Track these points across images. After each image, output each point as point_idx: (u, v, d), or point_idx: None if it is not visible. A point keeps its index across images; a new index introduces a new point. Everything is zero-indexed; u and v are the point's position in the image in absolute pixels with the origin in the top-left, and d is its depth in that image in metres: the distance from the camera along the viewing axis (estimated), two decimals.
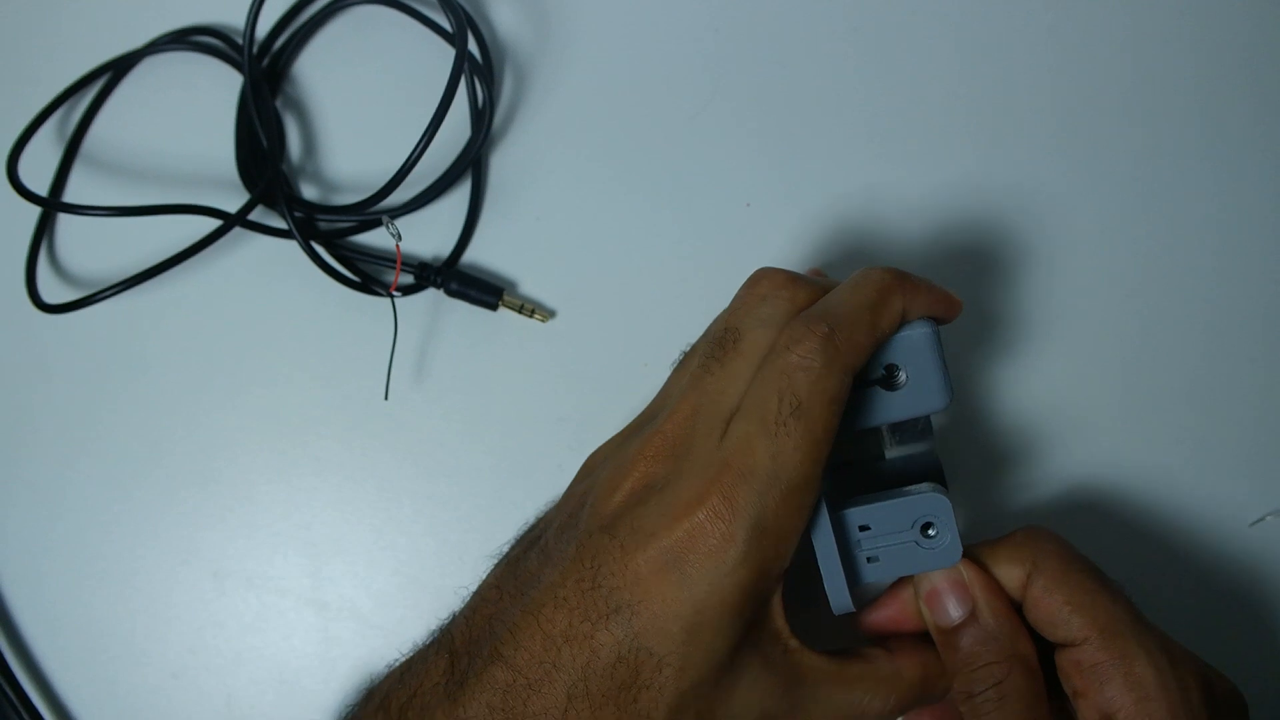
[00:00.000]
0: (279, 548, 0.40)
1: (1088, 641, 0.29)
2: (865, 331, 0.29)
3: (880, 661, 0.31)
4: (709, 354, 0.31)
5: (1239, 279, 0.39)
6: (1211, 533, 0.38)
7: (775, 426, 0.28)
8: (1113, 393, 0.39)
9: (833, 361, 0.28)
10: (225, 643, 0.40)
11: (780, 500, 0.28)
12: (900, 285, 0.30)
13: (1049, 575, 0.30)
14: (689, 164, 0.42)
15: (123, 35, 0.45)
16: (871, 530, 0.31)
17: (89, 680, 0.40)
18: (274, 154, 0.41)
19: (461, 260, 0.42)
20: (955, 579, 0.31)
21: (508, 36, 0.44)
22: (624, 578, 0.28)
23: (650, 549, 0.28)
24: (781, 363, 0.28)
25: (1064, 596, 0.30)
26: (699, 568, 0.28)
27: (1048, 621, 0.30)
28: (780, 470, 0.28)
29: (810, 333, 0.29)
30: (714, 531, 0.28)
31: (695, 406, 0.30)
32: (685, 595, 0.28)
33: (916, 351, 0.30)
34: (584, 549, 0.29)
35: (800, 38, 0.42)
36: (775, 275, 0.32)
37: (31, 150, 0.42)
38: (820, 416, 0.28)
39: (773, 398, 0.28)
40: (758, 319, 0.31)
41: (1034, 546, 0.31)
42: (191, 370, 0.42)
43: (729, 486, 0.28)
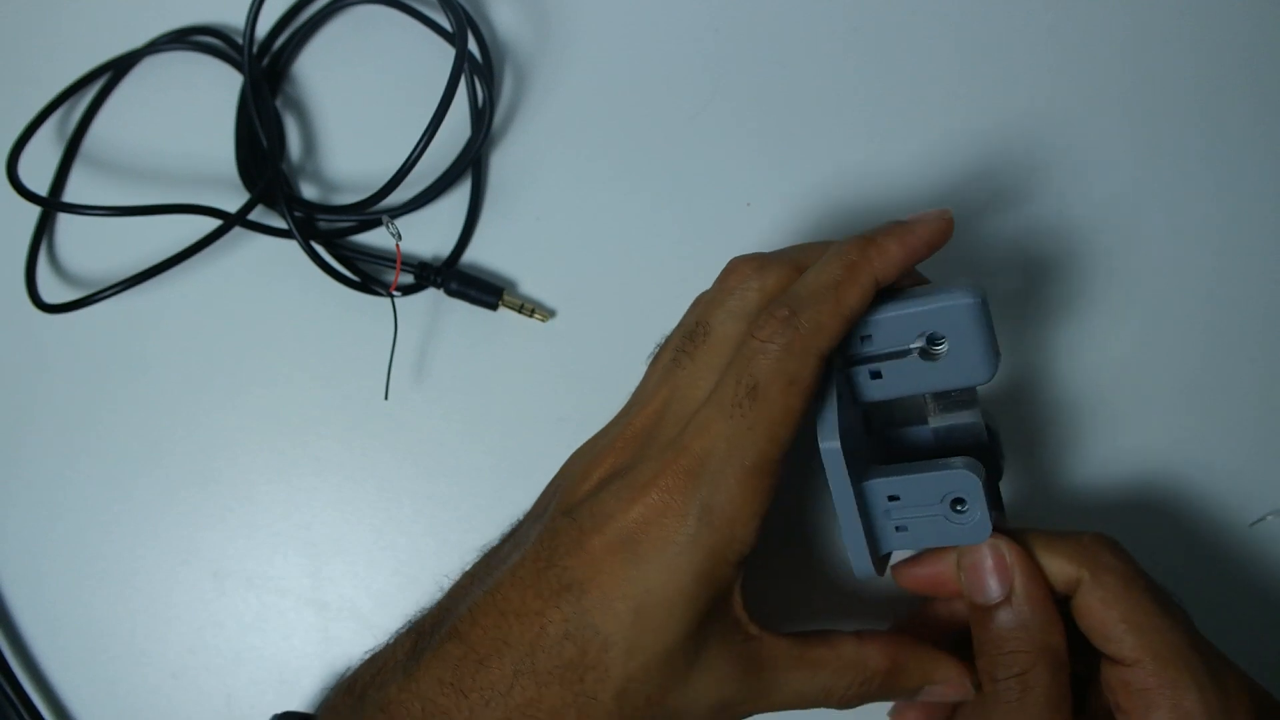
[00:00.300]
0: (279, 548, 0.40)
1: (1139, 664, 0.29)
2: (829, 311, 0.29)
3: (845, 646, 0.30)
4: (679, 347, 0.31)
5: (1238, 278, 0.39)
6: (1211, 533, 0.38)
7: (731, 409, 0.28)
8: (1112, 393, 0.39)
9: (792, 344, 0.28)
10: (225, 643, 0.40)
11: (734, 482, 0.28)
12: (865, 257, 0.30)
13: (1109, 588, 0.30)
14: (689, 164, 0.42)
15: (123, 35, 0.45)
16: (901, 500, 0.30)
17: (89, 680, 0.40)
18: (274, 154, 0.41)
19: (461, 260, 0.42)
20: (999, 558, 0.30)
21: (508, 36, 0.44)
22: (578, 557, 0.29)
23: (606, 530, 0.28)
24: (745, 350, 0.29)
25: (1121, 614, 0.29)
26: (650, 548, 0.28)
27: (1099, 634, 0.30)
28: (734, 452, 0.28)
29: (770, 317, 0.29)
30: (666, 512, 0.28)
31: (665, 399, 0.31)
32: (635, 575, 0.28)
33: (960, 322, 0.29)
34: (545, 532, 0.30)
35: (800, 38, 0.42)
36: (745, 265, 0.32)
37: (31, 150, 0.42)
38: (778, 398, 0.28)
39: (731, 382, 0.29)
40: (727, 311, 0.31)
41: (1096, 554, 0.30)
42: (191, 370, 0.42)
43: (684, 468, 0.28)
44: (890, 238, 0.30)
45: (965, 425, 0.32)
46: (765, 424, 0.28)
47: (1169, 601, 0.30)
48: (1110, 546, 0.31)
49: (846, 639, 0.31)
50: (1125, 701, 0.29)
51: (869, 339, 0.30)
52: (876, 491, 0.31)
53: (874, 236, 0.30)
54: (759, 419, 0.28)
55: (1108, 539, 0.31)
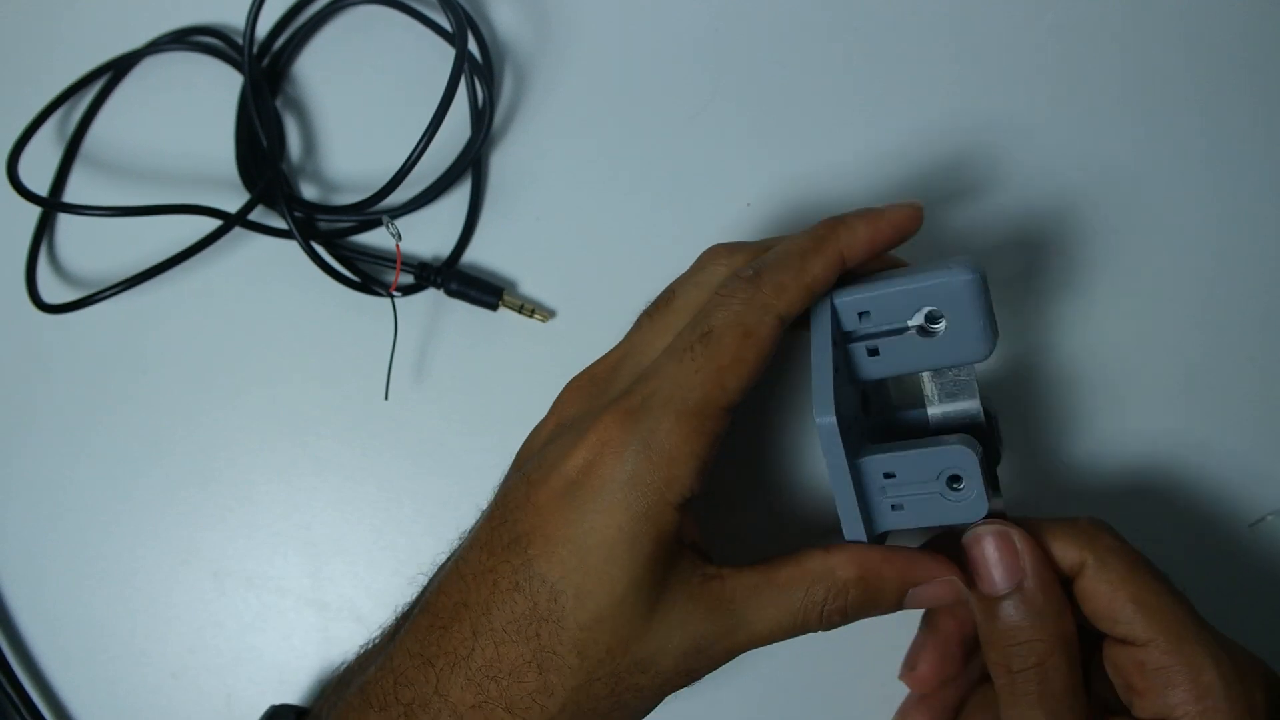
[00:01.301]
0: (279, 548, 0.40)
1: (1153, 643, 0.29)
2: (792, 274, 0.29)
3: (813, 560, 0.29)
4: (645, 313, 0.33)
5: (1237, 278, 0.39)
6: (1211, 533, 0.38)
7: (682, 353, 0.29)
8: (1111, 393, 0.39)
9: (751, 299, 0.29)
10: (225, 642, 0.40)
11: (674, 421, 0.28)
12: (833, 230, 0.30)
13: (1115, 571, 0.29)
14: (689, 164, 0.42)
15: (123, 35, 0.45)
16: (897, 478, 0.30)
17: (89, 680, 0.40)
18: (274, 154, 0.41)
19: (461, 260, 0.42)
20: (1009, 546, 0.30)
21: (508, 36, 0.44)
22: (525, 509, 0.29)
23: (551, 479, 0.29)
24: (708, 304, 0.30)
25: (1129, 594, 0.29)
26: (590, 491, 0.28)
27: (1106, 616, 0.29)
28: (677, 391, 0.28)
29: (734, 278, 0.30)
30: (606, 454, 0.28)
31: (620, 356, 0.32)
32: (575, 518, 0.28)
33: (958, 299, 0.29)
34: (498, 493, 0.31)
35: (800, 38, 0.42)
36: (718, 247, 0.33)
37: (31, 150, 0.42)
38: (730, 345, 0.28)
39: (687, 330, 0.29)
40: (693, 282, 0.32)
41: (1097, 537, 0.30)
42: (192, 370, 0.42)
43: (626, 411, 0.28)
44: (859, 219, 0.31)
45: (964, 411, 0.32)
46: (713, 368, 0.28)
47: (1170, 582, 0.30)
48: (1107, 529, 0.31)
49: (812, 552, 0.30)
50: (1140, 681, 0.29)
51: (867, 315, 0.30)
52: (872, 468, 0.30)
53: (844, 217, 0.31)
54: (707, 362, 0.28)
55: (1102, 522, 0.31)
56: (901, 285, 0.30)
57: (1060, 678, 0.29)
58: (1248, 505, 0.38)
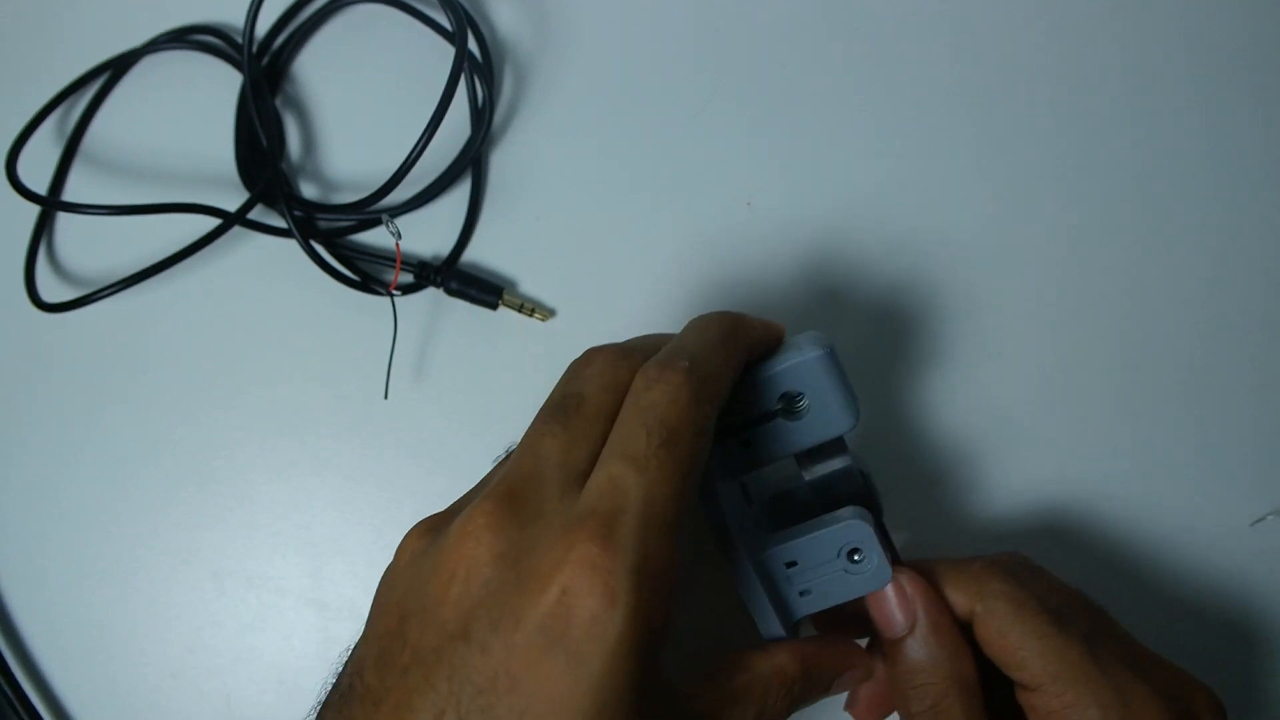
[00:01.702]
0: (279, 547, 0.40)
1: (1041, 688, 0.29)
2: (720, 367, 0.28)
3: (760, 664, 0.29)
4: (546, 419, 0.28)
5: (1238, 279, 0.39)
6: (1212, 533, 0.38)
7: (645, 460, 0.25)
8: (1113, 393, 0.39)
9: (698, 393, 0.27)
10: (225, 643, 0.40)
11: (659, 536, 0.25)
12: (739, 323, 0.30)
13: (1000, 617, 0.29)
14: (689, 164, 0.42)
15: (122, 34, 0.44)
16: (799, 565, 0.30)
17: (88, 680, 0.40)
18: (273, 153, 0.41)
19: (461, 259, 0.42)
20: (900, 592, 0.30)
21: (508, 35, 0.44)
22: (497, 687, 0.23)
23: (520, 637, 0.23)
24: (644, 402, 0.26)
25: (1016, 640, 0.29)
26: (584, 640, 0.23)
27: (1002, 661, 0.30)
28: (654, 504, 0.25)
29: (670, 369, 0.27)
30: (592, 589, 0.23)
31: (534, 469, 0.26)
32: (576, 680, 0.23)
33: (813, 376, 0.30)
34: (433, 672, 0.24)
35: (800, 37, 0.42)
36: (607, 350, 0.30)
37: (31, 149, 0.42)
38: (690, 446, 0.26)
39: (640, 434, 0.26)
40: (599, 385, 0.28)
41: (985, 583, 0.30)
42: (191, 369, 0.42)
43: (599, 535, 0.24)
44: (754, 321, 0.31)
45: (838, 471, 0.32)
46: (681, 473, 0.26)
47: (1064, 620, 0.29)
48: (1000, 572, 0.30)
49: (756, 656, 0.30)
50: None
51: (731, 409, 0.30)
52: (774, 560, 0.31)
53: (741, 317, 0.31)
54: (676, 468, 0.25)
55: (998, 563, 0.31)
56: (759, 372, 0.30)
57: (966, 713, 0.29)
58: (1248, 505, 0.38)
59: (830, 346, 0.30)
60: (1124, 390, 0.39)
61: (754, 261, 0.40)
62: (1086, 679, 0.28)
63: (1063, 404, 0.39)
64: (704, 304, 0.40)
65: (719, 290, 0.40)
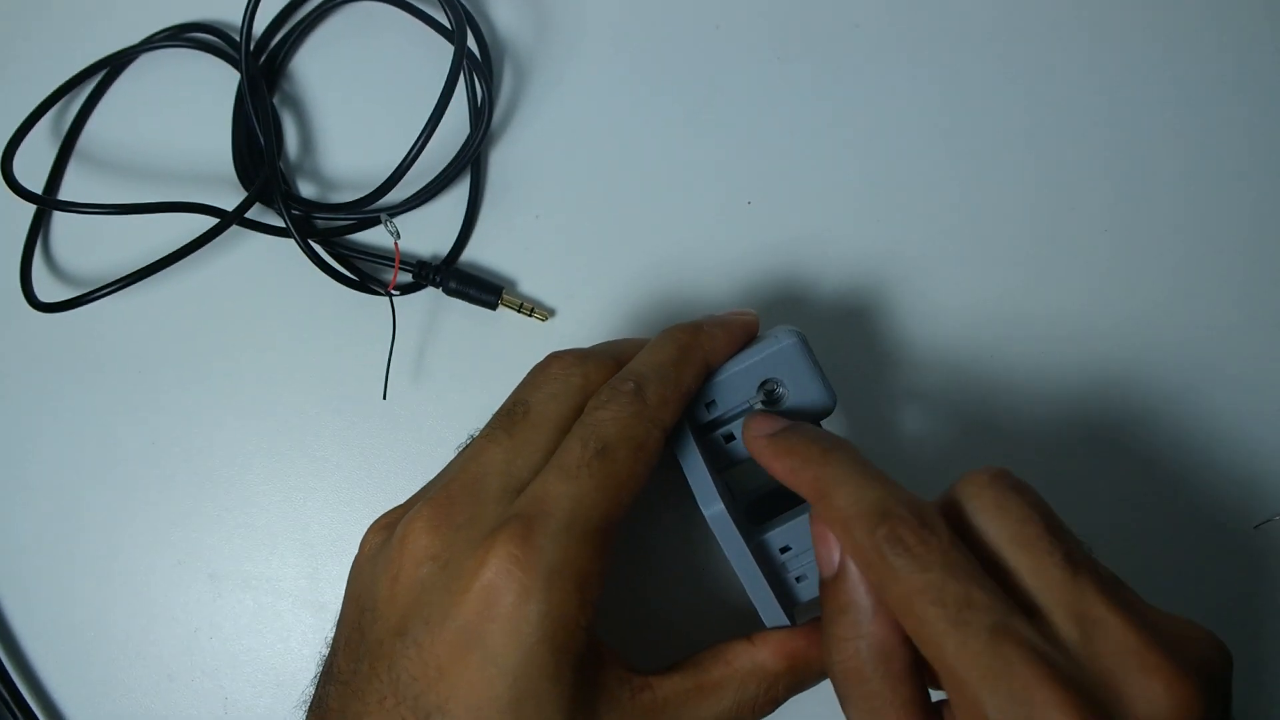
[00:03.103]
0: (276, 548, 0.40)
1: (944, 679, 0.25)
2: (671, 386, 0.29)
3: (739, 658, 0.29)
4: (494, 426, 0.30)
5: (1238, 279, 0.39)
6: (1216, 534, 0.37)
7: (577, 469, 0.27)
8: (1115, 393, 0.39)
9: (640, 413, 0.28)
10: (222, 644, 0.40)
11: (580, 541, 0.26)
12: (695, 338, 0.31)
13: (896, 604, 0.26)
14: (690, 161, 0.41)
15: (119, 31, 0.44)
16: (792, 549, 0.31)
17: (84, 683, 0.40)
18: (271, 151, 0.41)
19: (460, 259, 0.42)
20: (823, 533, 0.28)
21: (507, 33, 0.43)
22: (427, 678, 0.25)
23: (445, 632, 0.26)
24: (588, 420, 0.28)
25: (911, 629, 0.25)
26: (500, 635, 0.25)
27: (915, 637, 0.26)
28: (579, 510, 0.26)
29: (616, 391, 0.29)
30: (508, 588, 0.25)
31: (477, 475, 0.28)
32: (495, 672, 0.25)
33: (788, 362, 0.31)
34: (378, 662, 0.26)
35: (801, 36, 0.42)
36: (565, 356, 0.31)
37: (26, 147, 0.42)
38: (625, 459, 0.27)
39: (576, 446, 0.27)
40: (548, 393, 0.30)
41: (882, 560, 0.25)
42: (188, 370, 0.42)
43: (519, 536, 0.26)
44: (714, 327, 0.32)
45: None
46: (613, 484, 0.27)
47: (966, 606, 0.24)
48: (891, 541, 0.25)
49: (738, 648, 0.29)
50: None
51: (713, 404, 0.32)
52: (769, 546, 0.31)
53: (700, 324, 0.32)
54: (607, 479, 0.27)
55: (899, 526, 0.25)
56: (736, 367, 0.32)
57: (876, 681, 0.26)
58: (1253, 507, 0.38)
59: (800, 334, 0.31)
60: (1123, 389, 0.39)
61: (755, 261, 0.40)
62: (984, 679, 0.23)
63: (1061, 405, 0.39)
64: (704, 304, 0.40)
65: (720, 290, 0.40)
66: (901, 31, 0.42)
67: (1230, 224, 0.40)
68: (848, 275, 0.40)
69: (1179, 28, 0.41)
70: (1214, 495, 0.38)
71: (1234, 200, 0.40)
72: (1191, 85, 0.41)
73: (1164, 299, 0.39)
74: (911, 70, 0.42)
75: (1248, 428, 0.38)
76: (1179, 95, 0.41)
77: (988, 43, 0.42)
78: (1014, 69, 0.41)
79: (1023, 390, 0.39)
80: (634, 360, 0.31)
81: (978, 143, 0.41)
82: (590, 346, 0.33)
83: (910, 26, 0.42)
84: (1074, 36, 0.41)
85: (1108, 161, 0.40)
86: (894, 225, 0.40)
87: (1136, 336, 0.39)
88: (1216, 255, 0.39)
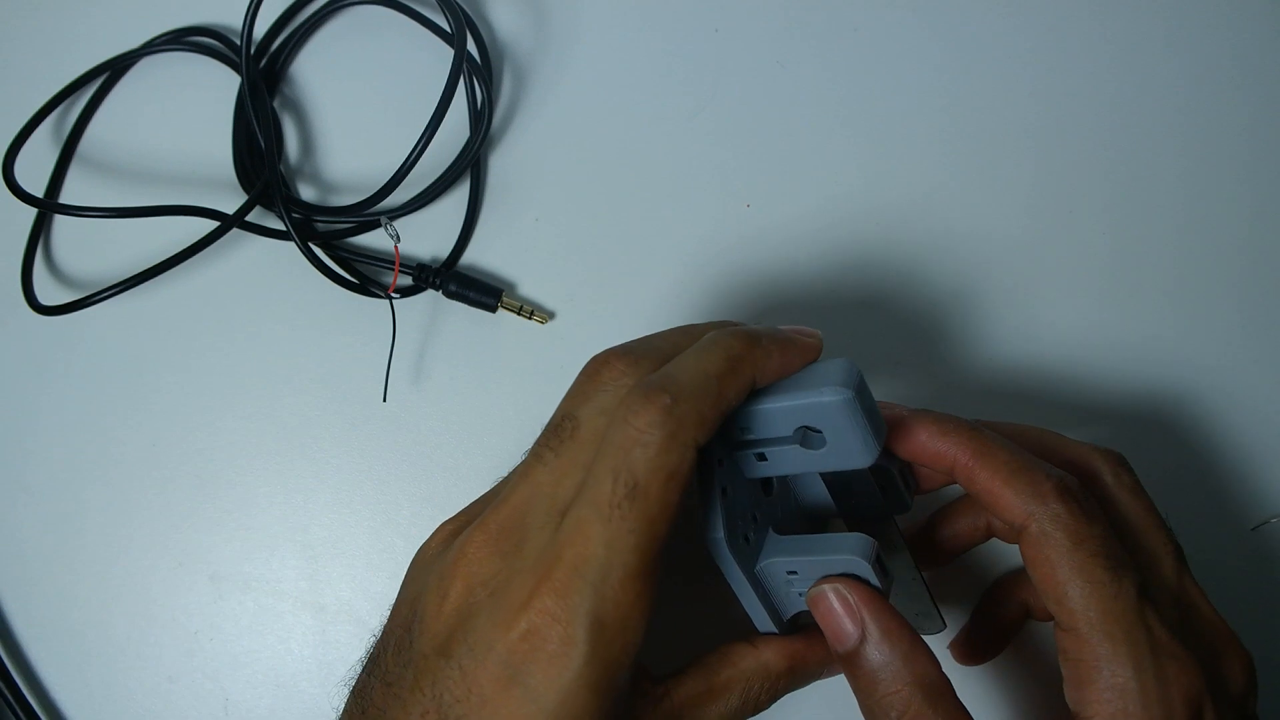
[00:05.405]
0: (276, 550, 0.40)
1: (1076, 632, 0.27)
2: (711, 403, 0.27)
3: (745, 660, 0.30)
4: (543, 444, 0.29)
5: (1240, 280, 0.39)
6: (1214, 537, 0.37)
7: (610, 510, 0.26)
8: (1115, 394, 0.39)
9: (674, 436, 0.26)
10: (222, 646, 0.40)
11: (619, 589, 0.26)
12: (750, 351, 0.28)
13: (1052, 547, 0.28)
14: (689, 164, 0.41)
15: (120, 35, 0.44)
16: (799, 574, 0.30)
17: (85, 684, 0.40)
18: (271, 155, 0.41)
19: (460, 261, 0.42)
20: (844, 602, 0.29)
21: (507, 37, 0.44)
22: (469, 703, 0.26)
23: (489, 663, 0.26)
24: (619, 438, 0.26)
25: (1062, 576, 0.28)
26: (542, 677, 0.25)
27: (1043, 590, 0.28)
28: (615, 557, 0.26)
29: (649, 403, 0.26)
30: (551, 634, 0.25)
31: (526, 499, 0.28)
32: (534, 709, 0.25)
33: (832, 419, 0.28)
34: (422, 676, 0.27)
35: (800, 37, 0.42)
36: (615, 363, 0.29)
37: (28, 151, 0.42)
38: (658, 496, 0.26)
39: (607, 479, 0.26)
40: (597, 407, 0.28)
41: (1044, 499, 0.28)
42: (188, 372, 0.42)
43: (562, 581, 0.26)
44: (773, 345, 0.29)
45: (857, 472, 0.31)
46: (646, 524, 0.26)
47: (1122, 565, 0.28)
48: (1063, 493, 0.28)
49: (743, 650, 0.30)
50: (1065, 668, 0.28)
51: (746, 429, 0.30)
52: (773, 570, 0.30)
53: (758, 338, 0.29)
54: (640, 519, 0.26)
55: (1069, 480, 0.29)
56: (777, 403, 0.29)
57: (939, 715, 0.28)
58: (1250, 509, 0.38)
59: (854, 387, 0.28)
60: (1123, 388, 0.39)
61: (754, 261, 0.40)
62: (1127, 636, 0.27)
63: (1060, 407, 0.39)
64: (704, 304, 0.40)
65: (720, 291, 0.40)
66: (901, 33, 0.42)
67: (1229, 227, 0.40)
68: (848, 275, 0.40)
69: None
70: (1212, 497, 0.38)
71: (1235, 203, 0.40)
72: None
73: (1161, 303, 0.39)
74: (911, 71, 0.42)
75: (1245, 430, 0.38)
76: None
77: (988, 43, 0.42)
78: (1013, 70, 0.41)
79: (1021, 391, 0.39)
80: (676, 361, 0.28)
81: (977, 141, 0.41)
82: (641, 342, 0.30)
83: (910, 27, 0.42)
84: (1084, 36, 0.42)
85: (1107, 162, 0.40)
86: (894, 225, 0.40)
87: (1132, 339, 0.39)
88: (1216, 257, 0.39)
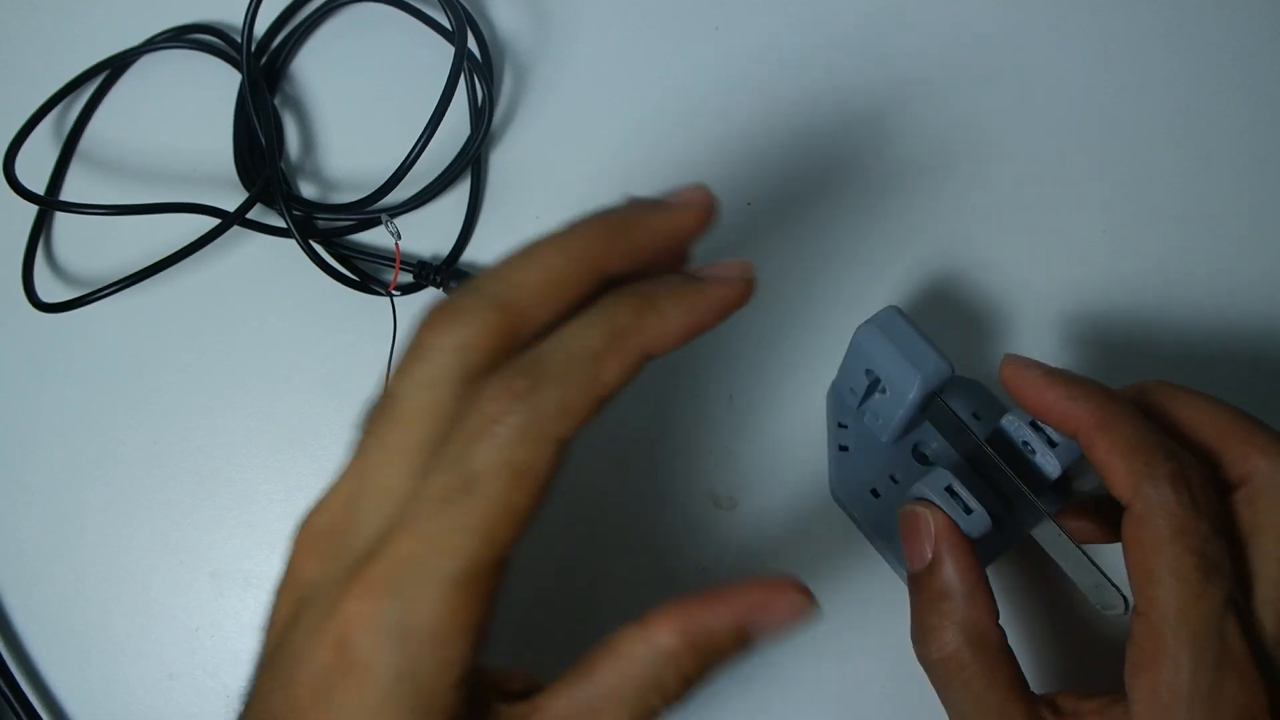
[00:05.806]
0: (277, 547, 0.39)
1: (1149, 616, 0.26)
2: (579, 389, 0.23)
3: (631, 643, 0.24)
4: (365, 426, 0.25)
5: (1239, 276, 0.39)
6: None
7: (440, 504, 0.22)
8: None
9: (527, 428, 0.22)
10: (223, 643, 0.40)
11: (438, 598, 0.22)
12: (639, 317, 0.24)
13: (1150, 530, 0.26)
14: (689, 163, 0.41)
15: (121, 33, 0.44)
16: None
17: (86, 682, 0.40)
18: (272, 152, 0.41)
19: (461, 259, 0.42)
20: (923, 522, 0.29)
21: (507, 34, 0.44)
22: (290, 715, 0.23)
23: (304, 677, 0.23)
24: (468, 424, 0.23)
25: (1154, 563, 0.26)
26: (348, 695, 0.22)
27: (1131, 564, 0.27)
28: (438, 559, 0.22)
29: (505, 388, 0.23)
30: (361, 644, 0.22)
31: (352, 492, 0.25)
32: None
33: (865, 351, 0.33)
34: (259, 686, 0.25)
35: (800, 36, 0.42)
36: (439, 316, 0.24)
37: (29, 148, 0.42)
38: (500, 494, 0.22)
39: (443, 468, 0.23)
40: (415, 380, 0.24)
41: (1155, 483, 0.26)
42: (189, 370, 0.42)
43: (373, 584, 0.22)
44: (672, 302, 0.25)
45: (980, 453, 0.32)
46: (479, 524, 0.22)
47: (1217, 570, 0.26)
48: (1175, 478, 0.26)
49: (629, 634, 0.24)
50: (1128, 647, 0.27)
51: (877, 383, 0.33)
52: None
53: (654, 297, 0.25)
54: (471, 519, 0.22)
55: (1189, 467, 0.27)
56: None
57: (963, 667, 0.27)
58: None
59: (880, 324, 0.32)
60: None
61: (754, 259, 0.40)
62: (1195, 641, 0.25)
63: None
64: None
65: None
66: (901, 34, 0.42)
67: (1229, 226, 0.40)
68: (847, 275, 0.40)
69: None
70: None
71: (1235, 203, 0.40)
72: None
73: (1160, 295, 0.39)
74: (910, 72, 0.42)
75: None
76: None
77: (988, 43, 0.42)
78: (1013, 69, 0.41)
79: None
80: (552, 338, 0.24)
81: (977, 141, 0.41)
82: (473, 282, 0.25)
83: (909, 28, 0.42)
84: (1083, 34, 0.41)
85: (1106, 162, 0.40)
86: (893, 225, 0.40)
87: (1132, 333, 0.39)
88: (1216, 256, 0.39)
